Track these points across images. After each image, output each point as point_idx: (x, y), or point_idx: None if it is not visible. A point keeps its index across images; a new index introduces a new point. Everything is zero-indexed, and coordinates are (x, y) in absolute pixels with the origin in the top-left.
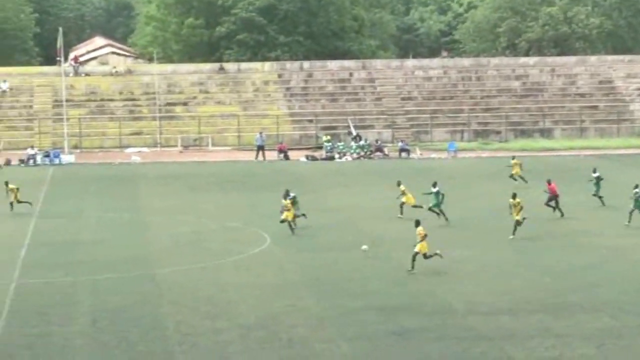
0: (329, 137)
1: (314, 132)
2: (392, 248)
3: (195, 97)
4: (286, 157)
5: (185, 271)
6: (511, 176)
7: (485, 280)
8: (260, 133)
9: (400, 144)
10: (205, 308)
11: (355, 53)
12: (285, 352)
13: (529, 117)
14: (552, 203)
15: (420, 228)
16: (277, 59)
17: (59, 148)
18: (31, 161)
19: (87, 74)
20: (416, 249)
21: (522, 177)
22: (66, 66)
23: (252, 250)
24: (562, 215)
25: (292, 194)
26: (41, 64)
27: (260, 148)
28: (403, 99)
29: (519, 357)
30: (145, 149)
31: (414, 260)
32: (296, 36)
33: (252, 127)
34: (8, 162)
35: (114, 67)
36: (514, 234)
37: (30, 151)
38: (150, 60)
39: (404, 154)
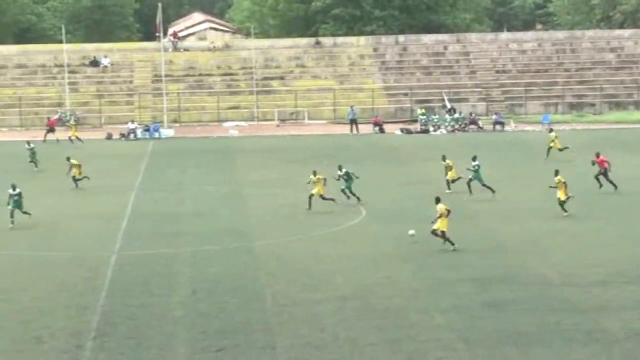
0: (423, 110)
1: (409, 105)
2: (486, 219)
3: (291, 72)
4: (381, 131)
5: (282, 243)
6: (549, 149)
7: (578, 252)
8: (352, 107)
9: (494, 116)
10: (302, 280)
11: (449, 26)
12: (381, 322)
13: (623, 90)
14: (602, 177)
15: (440, 205)
16: (372, 33)
17: (158, 122)
18: (132, 135)
19: (185, 50)
20: (434, 226)
21: (553, 150)
22: (165, 42)
23: (348, 223)
24: (616, 187)
25: (344, 170)
26: (141, 40)
27: (353, 122)
28: (497, 72)
29: (613, 328)
30: (242, 123)
31: (442, 237)
32: (391, 10)
33: (347, 100)
34: (110, 136)
35: (212, 43)
36: (565, 211)
37: (130, 125)
38: (248, 35)
39: (498, 127)
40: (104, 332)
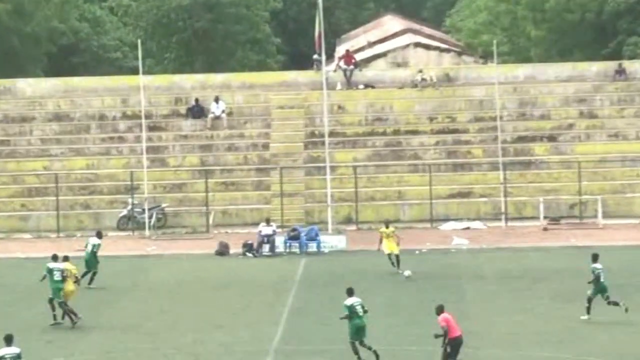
0: None
1: None
2: None
3: (571, 125)
4: None
5: None
6: None
7: None
8: None
9: None
10: None
11: None
12: None
13: None
14: None
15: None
16: None
17: (316, 224)
18: (265, 248)
19: (368, 86)
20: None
21: None
22: (331, 71)
23: None
24: None
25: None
26: (283, 67)
27: None
28: None
29: None
30: (477, 224)
31: None
32: None
33: None
34: (223, 250)
35: (420, 72)
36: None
37: (263, 229)
38: (486, 58)
39: None
40: None
